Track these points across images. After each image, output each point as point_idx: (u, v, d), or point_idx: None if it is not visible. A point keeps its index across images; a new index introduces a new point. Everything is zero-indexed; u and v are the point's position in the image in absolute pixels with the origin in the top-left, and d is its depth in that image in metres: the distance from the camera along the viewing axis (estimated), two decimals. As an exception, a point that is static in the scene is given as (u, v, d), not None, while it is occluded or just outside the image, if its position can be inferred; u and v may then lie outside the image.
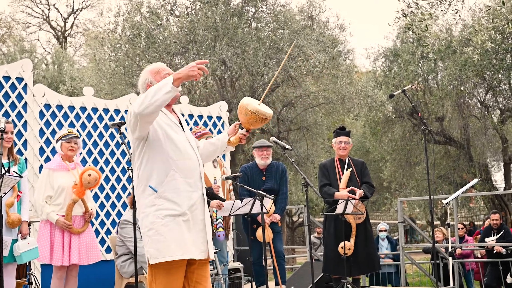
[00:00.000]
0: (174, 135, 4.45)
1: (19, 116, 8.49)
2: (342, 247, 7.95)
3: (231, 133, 4.72)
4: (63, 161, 7.15)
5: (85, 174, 6.98)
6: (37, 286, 7.76)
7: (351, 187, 8.23)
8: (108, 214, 9.17)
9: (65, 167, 7.10)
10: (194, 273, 4.50)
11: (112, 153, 9.44)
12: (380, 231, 14.44)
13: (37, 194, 7.07)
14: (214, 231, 7.78)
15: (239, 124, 4.68)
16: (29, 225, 7.05)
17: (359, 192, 8.18)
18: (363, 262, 8.21)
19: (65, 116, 8.98)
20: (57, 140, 7.22)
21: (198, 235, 4.41)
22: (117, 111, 9.54)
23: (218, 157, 7.79)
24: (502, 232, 11.95)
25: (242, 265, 9.54)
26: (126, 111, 9.60)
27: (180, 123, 4.58)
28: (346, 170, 8.35)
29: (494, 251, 11.78)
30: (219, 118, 10.68)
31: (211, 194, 7.08)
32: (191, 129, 8.02)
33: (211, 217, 7.80)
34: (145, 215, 4.38)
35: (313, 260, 10.58)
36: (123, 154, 9.47)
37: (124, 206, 9.27)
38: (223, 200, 7.23)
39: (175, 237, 4.29)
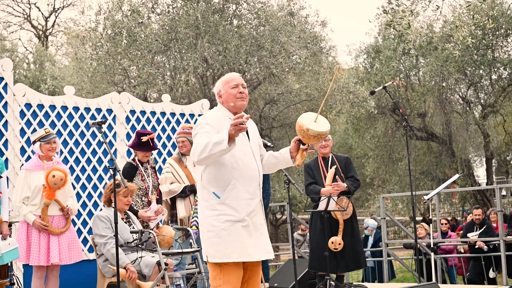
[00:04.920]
0: (240, 146, 4.67)
1: (0, 115, 8.44)
2: (332, 242, 7.95)
3: (293, 150, 4.89)
4: (40, 161, 7.11)
5: (49, 176, 6.90)
6: (19, 286, 7.72)
7: (337, 183, 8.17)
8: (90, 214, 9.11)
9: (42, 167, 7.05)
10: (248, 270, 4.82)
11: (94, 152, 9.39)
12: (366, 228, 14.53)
13: (14, 196, 7.04)
14: (188, 228, 7.73)
15: (299, 139, 4.83)
16: (10, 225, 7.01)
17: (342, 185, 8.13)
18: (349, 259, 8.16)
19: (46, 116, 8.93)
20: (34, 142, 7.17)
21: (261, 238, 4.78)
22: (98, 110, 9.50)
23: None
24: (484, 227, 12.01)
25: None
26: (107, 110, 9.57)
27: (247, 132, 4.79)
28: (330, 168, 8.32)
29: (476, 246, 11.84)
30: (201, 116, 10.65)
31: (195, 191, 7.50)
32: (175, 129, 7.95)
33: (189, 215, 7.84)
34: (204, 216, 4.71)
35: (296, 257, 10.60)
36: (105, 153, 9.42)
37: (106, 205, 9.22)
38: None
39: (233, 241, 4.63)
